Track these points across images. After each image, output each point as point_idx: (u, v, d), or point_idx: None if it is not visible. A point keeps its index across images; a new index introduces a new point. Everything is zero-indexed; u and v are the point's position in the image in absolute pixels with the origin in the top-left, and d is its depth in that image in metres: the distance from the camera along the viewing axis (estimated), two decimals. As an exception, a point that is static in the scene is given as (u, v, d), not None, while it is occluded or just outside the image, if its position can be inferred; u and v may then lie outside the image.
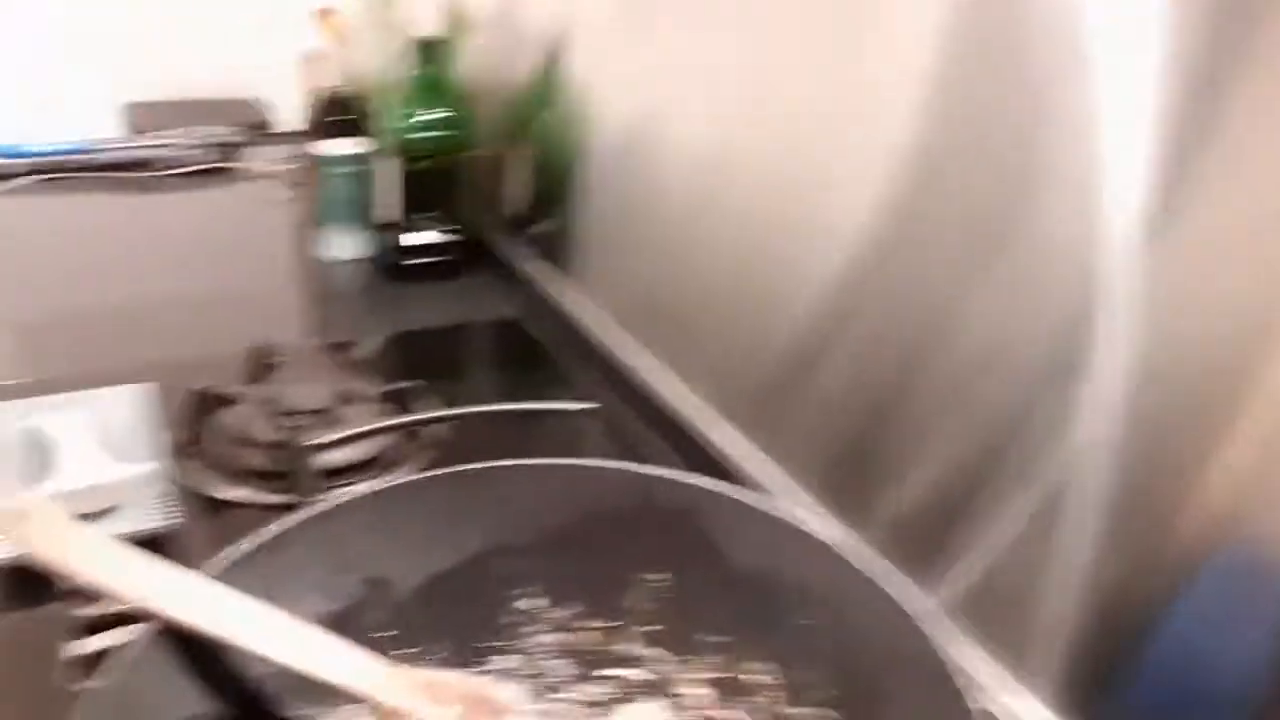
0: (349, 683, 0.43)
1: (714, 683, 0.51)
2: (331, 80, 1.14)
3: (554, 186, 1.04)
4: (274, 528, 0.48)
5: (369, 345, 0.88)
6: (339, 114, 1.14)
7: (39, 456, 0.72)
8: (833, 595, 0.49)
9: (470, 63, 1.17)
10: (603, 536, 0.54)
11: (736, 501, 0.53)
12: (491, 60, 1.14)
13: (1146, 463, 0.47)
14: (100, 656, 0.40)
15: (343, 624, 0.49)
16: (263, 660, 0.43)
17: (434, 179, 1.09)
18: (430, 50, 1.04)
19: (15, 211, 1.26)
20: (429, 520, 0.52)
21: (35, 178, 1.31)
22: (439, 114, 1.06)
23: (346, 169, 1.12)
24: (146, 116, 1.67)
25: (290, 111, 1.49)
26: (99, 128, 1.47)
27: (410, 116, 1.05)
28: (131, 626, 0.41)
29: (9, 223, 1.23)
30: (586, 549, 0.54)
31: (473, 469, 0.54)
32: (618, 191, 0.92)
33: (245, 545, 0.47)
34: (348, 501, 0.51)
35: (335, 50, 1.13)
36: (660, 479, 0.55)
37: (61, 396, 0.77)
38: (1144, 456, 0.47)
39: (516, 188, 1.13)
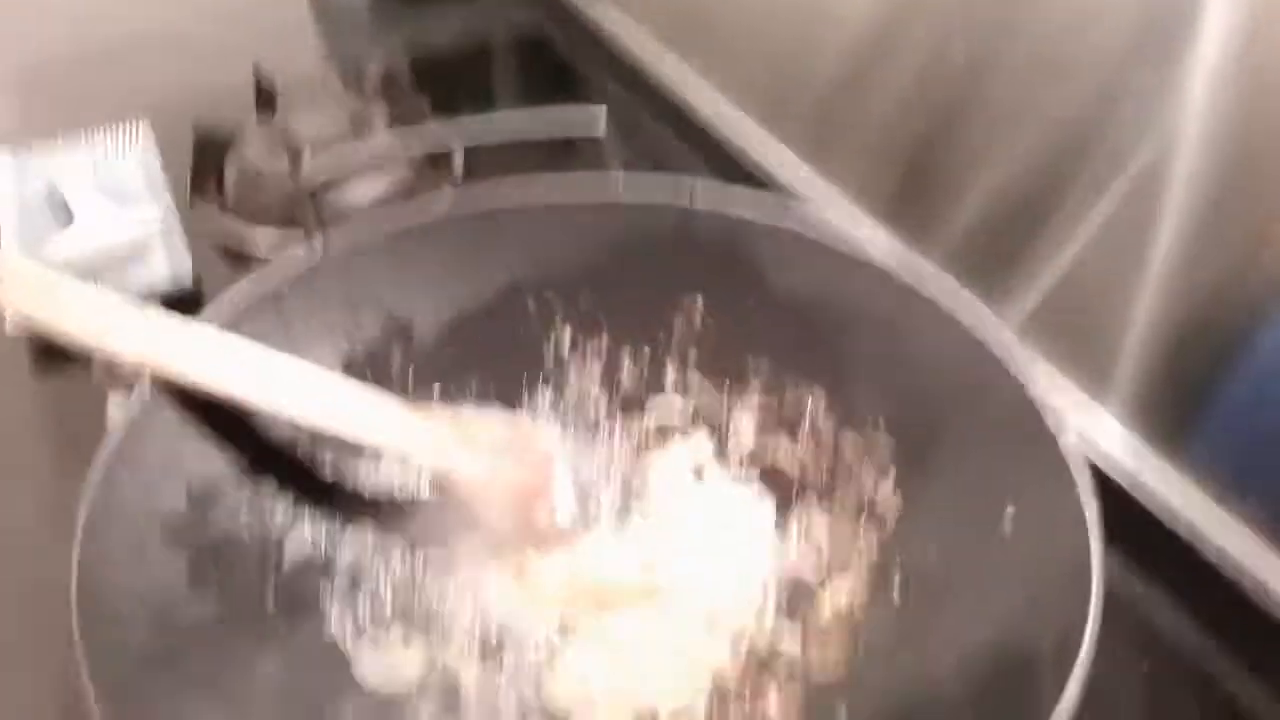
0: (378, 440, 0.41)
1: (760, 409, 0.48)
2: None
3: None
4: (284, 269, 0.45)
5: (380, 68, 0.81)
6: None
7: (53, 210, 0.68)
8: (888, 319, 0.45)
9: None
10: (639, 267, 0.50)
11: (780, 229, 0.49)
12: None
13: (1248, 154, 0.41)
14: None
15: (366, 367, 0.46)
16: (280, 417, 0.40)
17: None
18: None
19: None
20: (451, 259, 0.48)
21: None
22: None
23: None
24: None
25: None
26: None
27: None
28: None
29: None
30: (622, 282, 0.50)
31: (496, 207, 0.49)
32: None
33: (255, 287, 0.43)
34: (362, 241, 0.47)
35: None
36: (699, 211, 0.50)
37: (65, 144, 0.72)
38: (1246, 148, 0.41)
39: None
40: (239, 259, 0.67)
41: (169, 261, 0.63)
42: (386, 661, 0.38)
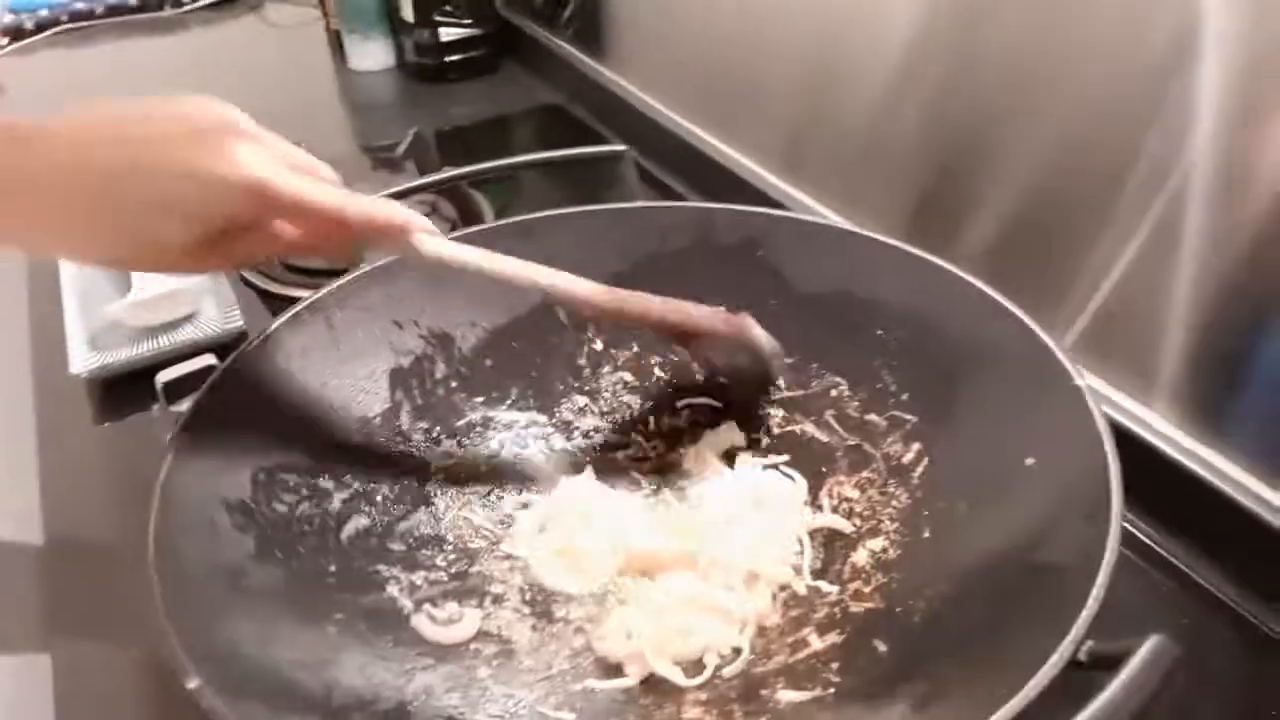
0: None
1: (784, 402, 0.50)
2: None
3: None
4: (334, 292, 0.48)
5: (409, 144, 0.86)
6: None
7: (114, 281, 0.73)
8: (910, 301, 0.47)
9: None
10: (664, 275, 0.53)
11: (801, 223, 0.52)
12: None
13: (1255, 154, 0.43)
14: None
15: (411, 376, 0.49)
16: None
17: (453, -31, 1.04)
18: None
19: (38, 66, 1.25)
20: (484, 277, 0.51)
21: (54, 30, 1.29)
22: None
23: (362, -29, 1.07)
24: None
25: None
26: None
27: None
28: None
29: (34, 79, 1.22)
30: (649, 288, 0.53)
31: (519, 220, 0.53)
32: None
33: (308, 298, 0.47)
34: (385, 264, 0.50)
35: None
36: (720, 210, 0.53)
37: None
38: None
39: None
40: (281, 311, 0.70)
41: (219, 314, 0.67)
42: (443, 624, 0.40)
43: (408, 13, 1.06)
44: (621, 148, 0.54)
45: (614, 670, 0.39)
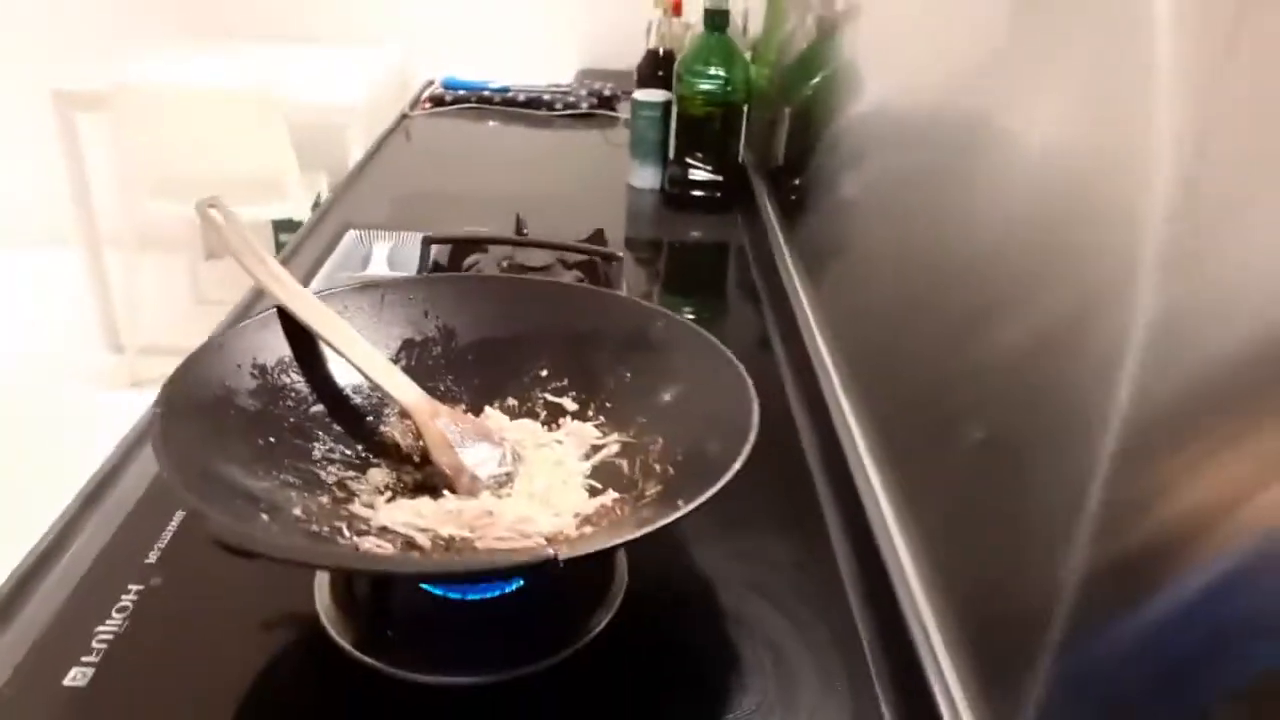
0: (399, 395, 0.69)
1: (622, 442, 0.71)
2: (657, 42, 1.42)
3: (808, 147, 1.22)
4: (394, 280, 0.77)
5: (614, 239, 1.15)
6: (656, 69, 1.42)
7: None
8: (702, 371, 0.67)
9: (763, 32, 1.38)
10: (604, 345, 0.75)
11: (703, 338, 0.72)
12: (784, 30, 1.34)
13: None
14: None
15: (416, 348, 0.77)
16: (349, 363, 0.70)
17: (711, 127, 1.33)
18: (716, 18, 1.27)
19: (441, 128, 1.73)
20: (493, 304, 0.78)
21: (462, 105, 1.77)
22: (717, 72, 1.29)
23: (651, 113, 1.39)
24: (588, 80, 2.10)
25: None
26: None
27: (694, 73, 1.30)
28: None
29: (436, 137, 1.70)
30: (588, 352, 0.76)
31: (524, 279, 0.78)
32: (859, 165, 0.98)
33: (367, 278, 0.76)
34: (439, 277, 0.78)
35: (665, 18, 1.41)
36: (659, 314, 0.75)
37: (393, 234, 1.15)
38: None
39: (778, 143, 1.33)
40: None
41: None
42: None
43: (671, 151, 1.37)
44: (620, 253, 0.78)
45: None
